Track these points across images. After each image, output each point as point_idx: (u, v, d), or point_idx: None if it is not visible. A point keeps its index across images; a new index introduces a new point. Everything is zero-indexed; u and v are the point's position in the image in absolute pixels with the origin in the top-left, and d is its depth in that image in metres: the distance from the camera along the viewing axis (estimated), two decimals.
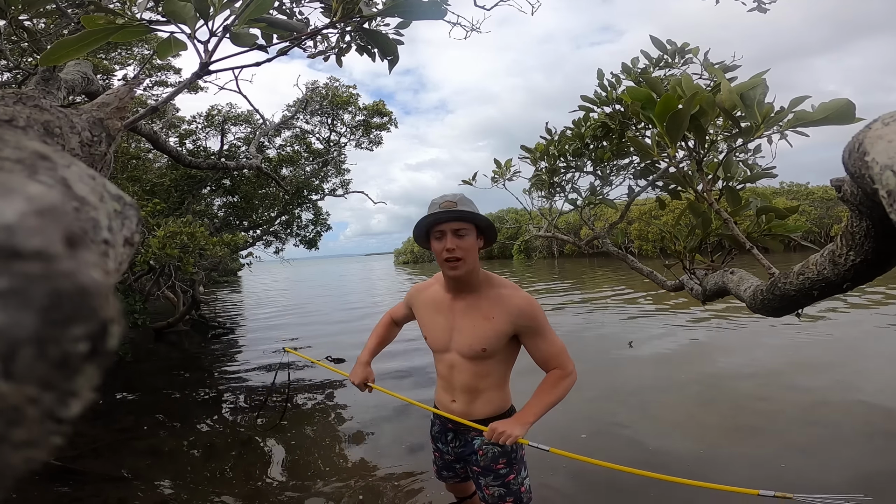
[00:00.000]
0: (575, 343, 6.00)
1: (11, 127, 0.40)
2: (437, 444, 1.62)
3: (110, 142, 0.65)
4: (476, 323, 1.39)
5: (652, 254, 27.85)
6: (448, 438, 1.57)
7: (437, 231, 1.35)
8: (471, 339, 1.39)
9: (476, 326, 1.38)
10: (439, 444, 1.61)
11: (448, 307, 1.44)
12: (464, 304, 1.41)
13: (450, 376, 1.46)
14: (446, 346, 1.45)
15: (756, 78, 0.96)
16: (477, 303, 1.40)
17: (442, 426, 1.58)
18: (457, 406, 1.47)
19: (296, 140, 9.88)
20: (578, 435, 3.10)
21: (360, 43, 1.46)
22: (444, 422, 1.55)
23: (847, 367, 4.20)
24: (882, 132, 0.34)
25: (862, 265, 0.63)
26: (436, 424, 1.62)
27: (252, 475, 2.82)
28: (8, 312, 0.11)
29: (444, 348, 1.46)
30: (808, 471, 2.48)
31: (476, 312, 1.39)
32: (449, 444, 1.57)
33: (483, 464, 1.45)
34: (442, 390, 1.52)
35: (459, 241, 1.32)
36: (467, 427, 1.45)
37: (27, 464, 0.12)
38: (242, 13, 0.75)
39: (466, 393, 1.45)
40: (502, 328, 1.37)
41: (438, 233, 1.35)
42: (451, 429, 1.55)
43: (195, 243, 5.18)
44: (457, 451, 1.56)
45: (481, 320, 1.38)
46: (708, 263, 1.39)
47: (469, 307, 1.40)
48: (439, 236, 1.35)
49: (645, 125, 1.70)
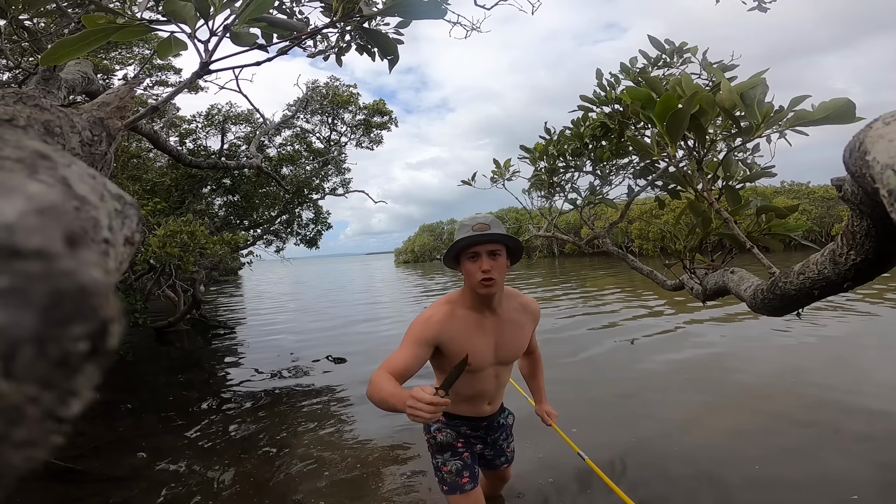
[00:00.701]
0: (575, 342, 6.00)
1: (12, 126, 0.40)
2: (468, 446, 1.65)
3: (111, 141, 0.65)
4: (516, 333, 1.54)
5: (652, 253, 27.84)
6: (480, 433, 1.70)
7: (471, 252, 1.40)
8: (514, 349, 1.56)
9: (516, 337, 1.55)
10: (472, 440, 1.67)
11: (484, 326, 1.50)
12: (497, 320, 1.51)
13: (490, 385, 1.58)
14: (490, 363, 1.53)
15: (756, 77, 0.96)
16: (508, 315, 1.53)
17: (474, 426, 1.67)
18: (491, 406, 1.65)
19: (296, 139, 9.89)
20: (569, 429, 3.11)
21: (360, 42, 1.46)
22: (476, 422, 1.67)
23: (848, 368, 4.20)
24: (883, 131, 0.34)
25: (863, 264, 0.63)
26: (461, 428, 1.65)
27: (252, 475, 2.82)
28: (8, 311, 0.11)
29: (488, 364, 1.54)
30: (808, 471, 2.48)
31: (512, 325, 1.53)
32: (488, 436, 1.71)
33: (508, 431, 1.79)
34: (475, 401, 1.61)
35: (493, 261, 1.38)
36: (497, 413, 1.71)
37: (28, 463, 0.12)
38: (242, 13, 0.75)
39: (500, 389, 1.64)
40: (529, 331, 1.62)
41: (473, 254, 1.40)
42: (485, 425, 1.69)
43: (195, 242, 5.18)
44: (492, 436, 1.73)
45: (518, 330, 1.55)
46: (708, 263, 1.39)
47: (504, 322, 1.52)
48: (473, 257, 1.40)
49: (644, 125, 1.70)
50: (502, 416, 1.76)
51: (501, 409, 1.75)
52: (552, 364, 4.91)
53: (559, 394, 3.98)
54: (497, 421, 1.73)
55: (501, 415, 1.75)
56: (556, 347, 5.75)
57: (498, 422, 1.73)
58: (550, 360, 5.03)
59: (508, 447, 1.79)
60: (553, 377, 4.44)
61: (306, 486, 2.64)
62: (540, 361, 1.88)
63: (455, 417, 1.63)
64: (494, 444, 1.74)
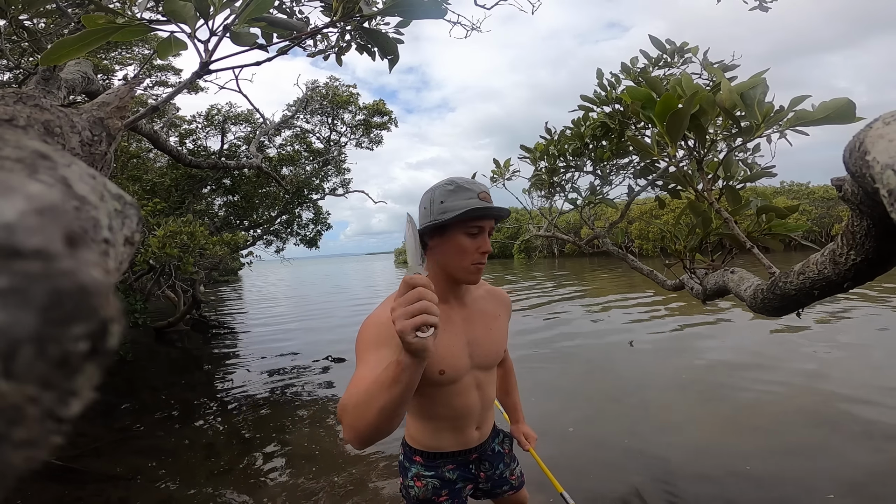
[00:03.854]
0: (575, 342, 6.00)
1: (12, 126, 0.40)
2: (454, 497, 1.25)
3: (111, 141, 0.65)
4: (491, 327, 1.21)
5: (652, 253, 27.84)
6: (472, 470, 1.29)
7: (476, 226, 1.07)
8: (492, 346, 1.21)
9: (492, 329, 1.21)
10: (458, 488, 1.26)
11: (453, 321, 1.14)
12: (466, 311, 1.18)
13: (473, 399, 1.20)
14: (466, 367, 1.16)
15: (756, 77, 0.96)
16: (479, 306, 1.21)
17: (462, 463, 1.27)
18: (480, 431, 1.26)
19: (296, 139, 9.89)
20: (566, 429, 3.11)
21: (360, 42, 1.46)
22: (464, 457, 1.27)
23: (850, 368, 4.20)
24: (883, 131, 0.34)
25: (863, 264, 0.63)
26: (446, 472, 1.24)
27: (252, 474, 2.82)
28: (8, 311, 0.11)
29: (464, 370, 1.16)
30: (807, 472, 2.48)
31: (484, 317, 1.21)
32: (479, 473, 1.30)
33: (508, 458, 1.38)
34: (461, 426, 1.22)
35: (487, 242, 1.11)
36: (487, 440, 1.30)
37: (28, 463, 0.12)
38: (242, 12, 0.75)
39: (487, 410, 1.26)
40: (505, 324, 1.27)
41: (477, 228, 1.07)
42: (476, 457, 1.29)
43: (195, 243, 5.18)
44: (488, 472, 1.31)
45: (492, 322, 1.22)
46: (708, 263, 1.39)
47: (474, 312, 1.20)
48: (476, 232, 1.08)
49: (645, 124, 1.70)
50: (496, 440, 1.35)
51: (492, 434, 1.33)
52: (552, 364, 4.92)
53: (560, 393, 3.99)
54: (490, 449, 1.32)
55: (494, 440, 1.34)
56: (553, 348, 5.75)
57: (492, 449, 1.33)
58: (550, 360, 5.04)
59: (512, 474, 1.38)
60: (551, 378, 4.44)
61: (306, 485, 2.64)
62: (513, 372, 1.52)
63: (437, 456, 1.23)
64: (490, 478, 1.32)
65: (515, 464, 1.41)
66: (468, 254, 1.07)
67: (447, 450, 1.23)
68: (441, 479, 1.23)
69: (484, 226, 1.08)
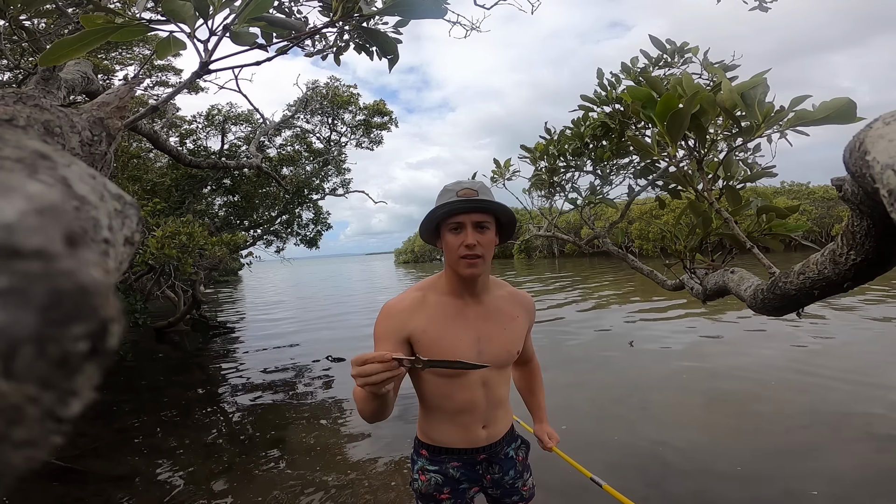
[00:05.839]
0: (575, 342, 6.00)
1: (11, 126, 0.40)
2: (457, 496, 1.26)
3: (111, 141, 0.65)
4: (505, 325, 1.22)
5: (652, 253, 27.83)
6: (479, 472, 1.29)
7: (454, 223, 1.12)
8: (504, 343, 1.22)
9: (507, 329, 1.22)
10: (463, 487, 1.27)
11: (465, 315, 1.18)
12: (482, 308, 1.21)
13: (478, 395, 1.22)
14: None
15: (757, 77, 0.96)
16: (495, 304, 1.23)
17: (468, 462, 1.27)
18: (488, 431, 1.26)
19: (296, 139, 9.90)
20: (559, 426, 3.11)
21: (359, 41, 1.46)
22: (471, 456, 1.27)
23: (850, 369, 4.20)
24: (883, 131, 0.34)
25: (863, 264, 0.63)
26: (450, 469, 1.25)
27: (252, 474, 2.82)
28: (8, 311, 0.11)
29: None
30: (807, 472, 2.48)
31: (500, 315, 1.23)
32: (486, 476, 1.29)
33: (521, 467, 1.35)
34: (464, 422, 1.23)
35: (480, 235, 1.12)
36: (499, 443, 1.29)
37: (28, 463, 0.12)
38: (242, 12, 0.75)
39: (496, 409, 1.26)
40: (525, 326, 1.29)
41: (455, 224, 1.12)
42: (484, 458, 1.28)
43: (194, 243, 5.18)
44: (496, 476, 1.29)
45: (508, 322, 1.23)
46: (708, 263, 1.39)
47: (490, 310, 1.22)
48: (456, 228, 1.12)
49: (645, 124, 1.70)
50: (511, 446, 1.33)
51: (508, 438, 1.32)
52: (552, 364, 4.92)
53: (559, 394, 3.98)
54: (504, 453, 1.30)
55: (510, 445, 1.32)
56: (554, 348, 5.75)
57: (505, 454, 1.30)
58: (550, 360, 5.04)
59: (524, 485, 1.34)
60: (551, 378, 4.44)
61: (307, 485, 2.64)
62: (538, 372, 1.51)
63: (442, 451, 1.25)
64: (499, 483, 1.29)
65: (528, 474, 1.37)
66: (454, 249, 1.13)
67: (451, 446, 1.25)
68: (444, 476, 1.24)
69: (463, 221, 1.12)
